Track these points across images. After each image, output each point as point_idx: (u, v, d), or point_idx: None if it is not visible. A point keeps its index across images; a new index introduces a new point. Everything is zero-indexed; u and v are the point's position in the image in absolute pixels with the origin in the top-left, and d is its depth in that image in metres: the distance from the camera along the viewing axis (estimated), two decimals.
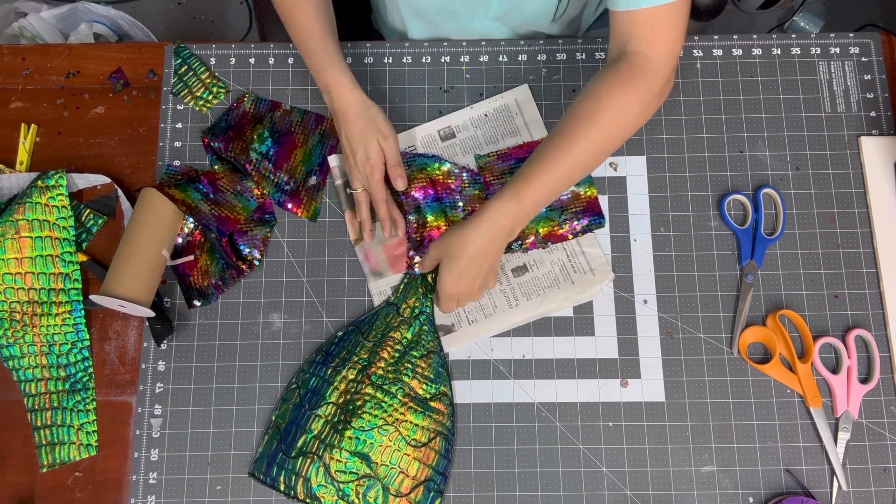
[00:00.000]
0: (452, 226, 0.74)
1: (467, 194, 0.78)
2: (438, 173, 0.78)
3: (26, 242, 0.74)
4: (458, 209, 0.77)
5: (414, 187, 0.78)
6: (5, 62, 0.85)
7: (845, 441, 0.72)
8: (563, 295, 0.76)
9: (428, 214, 0.77)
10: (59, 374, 0.74)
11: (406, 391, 0.72)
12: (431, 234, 0.77)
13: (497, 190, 0.69)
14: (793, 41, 0.84)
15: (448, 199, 0.77)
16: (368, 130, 0.72)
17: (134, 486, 0.72)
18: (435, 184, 0.78)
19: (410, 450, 0.70)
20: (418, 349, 0.73)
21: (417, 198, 0.78)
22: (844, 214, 0.78)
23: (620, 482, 0.72)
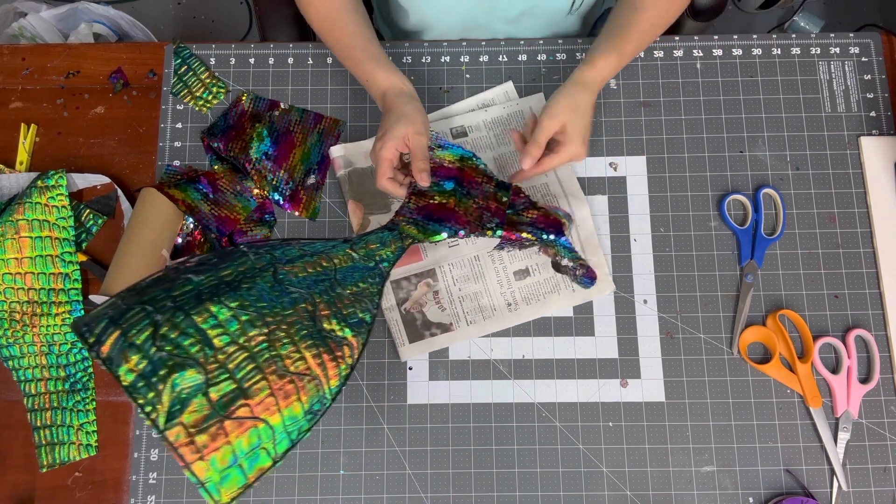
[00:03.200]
0: (558, 92, 0.73)
1: (486, 190, 0.75)
2: (471, 165, 0.76)
3: (26, 242, 0.74)
4: (472, 198, 0.74)
5: (434, 166, 0.74)
6: (5, 62, 0.85)
7: (845, 441, 0.72)
8: (563, 302, 0.76)
9: (439, 188, 0.74)
10: (59, 374, 0.74)
11: (308, 307, 0.59)
12: (430, 205, 0.73)
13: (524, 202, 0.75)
14: (793, 41, 0.84)
15: (467, 189, 0.74)
16: (405, 118, 0.70)
17: (134, 486, 0.72)
18: (462, 171, 0.75)
19: (270, 370, 0.54)
20: (349, 286, 0.63)
21: (441, 177, 0.74)
22: (844, 214, 0.78)
23: (620, 482, 0.72)
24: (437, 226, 0.71)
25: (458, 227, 0.71)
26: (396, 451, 0.73)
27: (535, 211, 0.74)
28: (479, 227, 0.71)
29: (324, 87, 0.83)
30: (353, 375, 0.74)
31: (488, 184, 0.75)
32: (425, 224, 0.71)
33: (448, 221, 0.71)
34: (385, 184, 0.70)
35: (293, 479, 0.72)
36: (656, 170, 0.80)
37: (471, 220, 0.72)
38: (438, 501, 0.72)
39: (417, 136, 0.70)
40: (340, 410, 0.74)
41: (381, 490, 0.72)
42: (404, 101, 0.71)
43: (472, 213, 0.73)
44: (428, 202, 0.73)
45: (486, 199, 0.74)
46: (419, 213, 0.72)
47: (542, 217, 0.73)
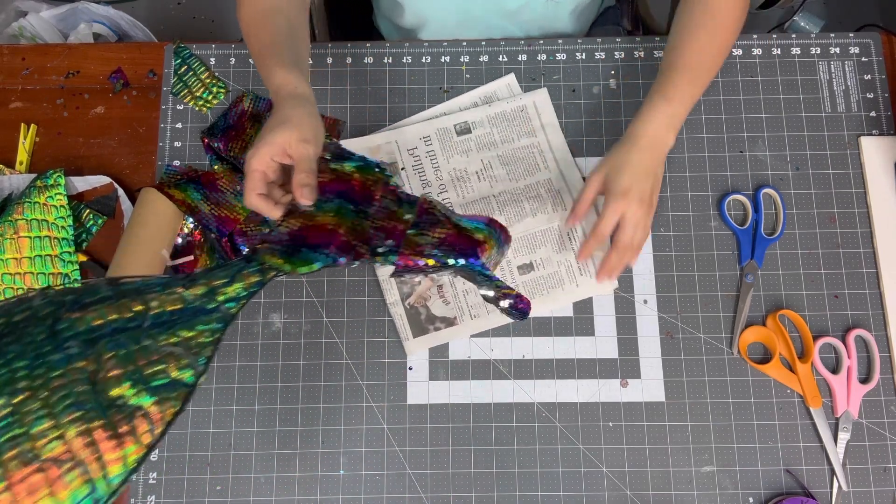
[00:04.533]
0: (610, 150, 0.70)
1: (386, 206, 0.62)
2: (367, 179, 0.63)
3: (25, 242, 0.74)
4: (365, 217, 0.61)
5: (327, 180, 0.62)
6: (5, 62, 0.85)
7: (845, 441, 0.72)
8: (566, 297, 0.76)
9: (332, 209, 0.61)
10: None
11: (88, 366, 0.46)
12: (305, 227, 0.59)
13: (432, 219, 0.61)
14: (793, 41, 0.84)
15: (360, 205, 0.62)
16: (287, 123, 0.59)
17: (134, 486, 0.72)
18: (356, 186, 0.63)
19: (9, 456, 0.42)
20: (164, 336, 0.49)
21: (331, 193, 0.62)
22: (844, 214, 0.78)
23: (620, 482, 0.72)
24: (310, 253, 0.57)
25: (337, 253, 0.58)
26: (396, 451, 0.73)
27: (443, 229, 0.61)
28: (368, 253, 0.59)
29: (324, 87, 0.83)
30: (354, 375, 0.74)
31: (390, 198, 0.63)
32: (294, 251, 0.57)
33: (325, 247, 0.58)
34: (254, 200, 0.58)
35: (293, 479, 0.72)
36: None
37: (356, 243, 0.59)
38: (438, 501, 0.71)
39: (302, 143, 0.58)
40: (340, 410, 0.74)
41: (381, 490, 0.72)
42: (292, 104, 0.61)
43: (359, 234, 0.59)
44: (304, 223, 0.59)
45: (383, 217, 0.61)
46: (291, 237, 0.58)
47: (452, 236, 0.60)
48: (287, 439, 0.73)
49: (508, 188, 0.78)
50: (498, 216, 0.77)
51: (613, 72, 0.83)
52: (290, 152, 0.58)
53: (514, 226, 0.77)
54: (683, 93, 0.70)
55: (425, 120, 0.81)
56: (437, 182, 0.79)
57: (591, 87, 0.83)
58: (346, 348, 0.75)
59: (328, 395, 0.74)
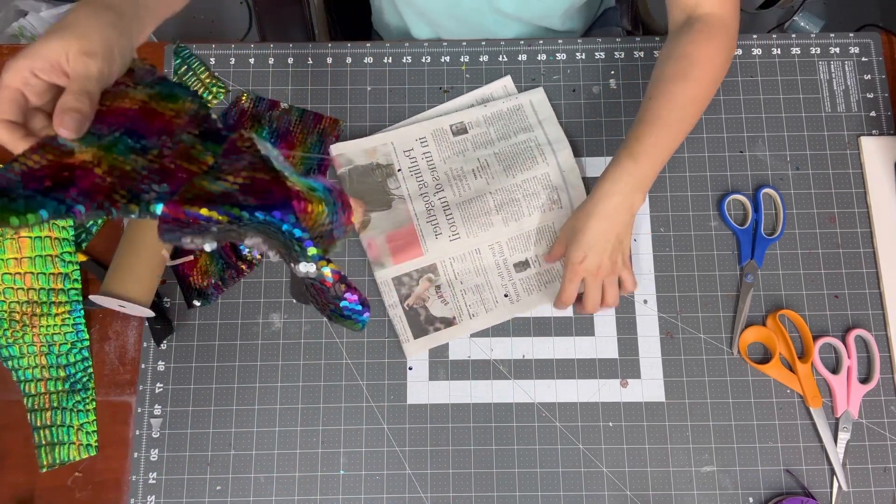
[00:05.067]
0: (580, 205, 0.70)
1: (181, 140, 0.46)
2: (172, 109, 0.47)
3: (25, 242, 0.74)
4: (143, 152, 0.45)
5: (115, 107, 0.46)
6: (5, 62, 0.84)
7: (845, 441, 0.72)
8: None
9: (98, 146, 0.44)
10: (59, 375, 0.74)
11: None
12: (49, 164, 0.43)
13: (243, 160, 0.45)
14: (793, 41, 0.84)
15: (141, 138, 0.45)
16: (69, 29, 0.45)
17: (134, 486, 0.72)
18: (151, 117, 0.46)
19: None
20: None
21: (112, 125, 0.45)
22: (844, 214, 0.78)
23: (620, 482, 0.72)
24: (35, 198, 0.40)
25: (77, 198, 0.41)
26: (396, 451, 0.73)
27: (249, 173, 0.43)
28: (126, 198, 0.42)
29: (324, 87, 0.83)
30: (353, 375, 0.74)
31: (190, 132, 0.46)
32: (17, 196, 0.40)
33: (63, 189, 0.41)
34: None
35: (293, 479, 0.72)
36: None
37: (114, 185, 0.42)
38: (438, 501, 0.72)
39: (83, 57, 0.43)
40: (340, 410, 0.74)
41: (381, 490, 0.72)
42: (83, 9, 0.46)
43: (123, 176, 0.43)
44: (52, 160, 0.43)
45: (170, 154, 0.45)
46: (23, 178, 0.41)
47: (259, 184, 0.43)
48: (287, 439, 0.73)
49: (505, 185, 0.78)
50: (494, 215, 0.77)
51: (613, 72, 0.83)
52: (65, 68, 0.44)
53: (511, 225, 0.77)
54: (653, 151, 0.67)
55: (421, 121, 0.81)
56: (434, 182, 0.79)
57: (590, 87, 0.83)
58: (346, 348, 0.75)
59: (328, 395, 0.74)
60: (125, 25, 0.48)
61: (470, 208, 0.77)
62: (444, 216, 0.77)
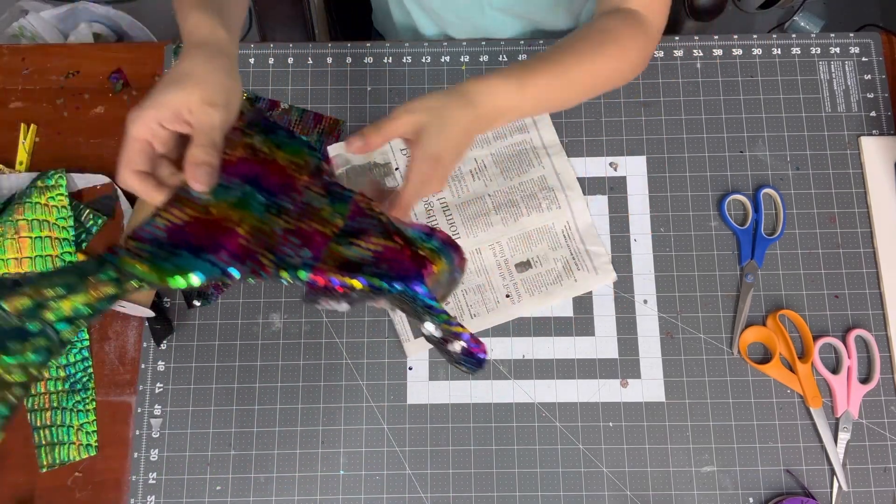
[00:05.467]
0: (434, 93, 0.55)
1: (310, 202, 0.48)
2: (293, 162, 0.49)
3: (26, 243, 0.74)
4: (279, 212, 0.46)
5: (238, 157, 0.47)
6: (5, 62, 0.85)
7: (845, 441, 0.72)
8: (565, 292, 0.76)
9: (234, 199, 0.46)
10: (59, 374, 0.74)
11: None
12: (193, 220, 0.44)
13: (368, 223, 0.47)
14: (793, 41, 0.84)
15: (273, 196, 0.47)
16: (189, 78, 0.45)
17: (134, 486, 0.72)
18: (274, 170, 0.48)
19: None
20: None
21: (238, 177, 0.47)
22: (844, 214, 0.78)
23: (620, 482, 0.72)
24: (191, 259, 0.42)
25: (229, 261, 0.43)
26: (396, 451, 0.73)
27: (380, 239, 0.46)
28: (273, 265, 0.44)
29: (324, 87, 0.83)
30: (354, 375, 0.74)
31: (316, 190, 0.48)
32: (169, 254, 0.42)
33: (212, 251, 0.43)
34: (128, 179, 0.44)
35: (293, 479, 0.72)
36: (656, 170, 0.80)
37: (258, 250, 0.44)
38: (438, 501, 0.72)
39: (206, 107, 0.44)
40: (340, 410, 0.74)
41: (381, 490, 0.72)
42: (201, 55, 0.47)
43: (265, 238, 0.45)
44: (192, 216, 0.44)
45: (302, 216, 0.46)
46: (169, 234, 0.43)
47: (390, 250, 0.45)
48: (287, 439, 0.73)
49: (503, 187, 0.78)
50: (493, 216, 0.77)
51: None
52: (188, 118, 0.44)
53: (510, 225, 0.77)
54: (539, 94, 0.59)
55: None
56: None
57: None
58: (346, 348, 0.75)
59: (328, 395, 0.74)
60: (235, 68, 0.49)
61: (469, 209, 0.77)
62: (443, 217, 0.77)
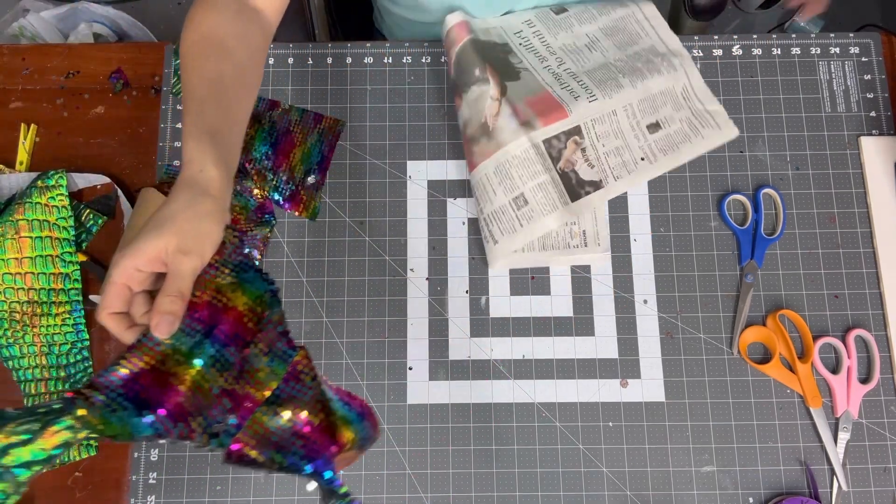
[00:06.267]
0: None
1: (251, 360, 0.48)
2: (251, 309, 0.49)
3: (26, 243, 0.74)
4: (223, 369, 0.47)
5: (203, 301, 0.48)
6: (5, 62, 0.85)
7: (845, 441, 0.72)
8: (695, 149, 0.78)
9: (186, 349, 0.47)
10: (59, 375, 0.74)
11: None
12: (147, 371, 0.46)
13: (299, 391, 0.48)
14: (793, 41, 0.84)
15: (226, 350, 0.48)
16: (166, 225, 0.47)
17: (134, 486, 0.72)
18: (231, 317, 0.49)
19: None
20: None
21: (199, 322, 0.48)
22: (844, 214, 0.78)
23: (620, 482, 0.72)
24: (132, 417, 0.44)
25: (165, 421, 0.45)
26: (396, 451, 0.73)
27: (300, 410, 0.46)
28: (201, 427, 0.46)
29: (324, 87, 0.83)
30: (353, 375, 0.74)
31: (261, 347, 0.48)
32: (118, 408, 0.44)
33: (155, 407, 0.45)
34: (104, 320, 0.47)
35: (293, 479, 0.72)
36: None
37: (192, 409, 0.46)
38: (438, 501, 0.72)
39: (179, 255, 0.46)
40: None
41: (381, 490, 0.72)
42: (184, 196, 0.49)
43: (201, 396, 0.46)
44: (147, 364, 0.46)
45: (241, 376, 0.47)
46: (124, 385, 0.45)
47: (309, 428, 0.46)
48: None
49: (622, 57, 0.81)
50: (622, 78, 0.78)
51: None
52: (165, 259, 0.47)
53: (638, 87, 0.78)
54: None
55: (520, 10, 0.84)
56: (553, 56, 0.81)
57: None
58: (346, 348, 0.75)
59: None
60: (221, 210, 0.50)
61: (597, 74, 0.79)
62: (575, 82, 0.79)
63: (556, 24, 0.83)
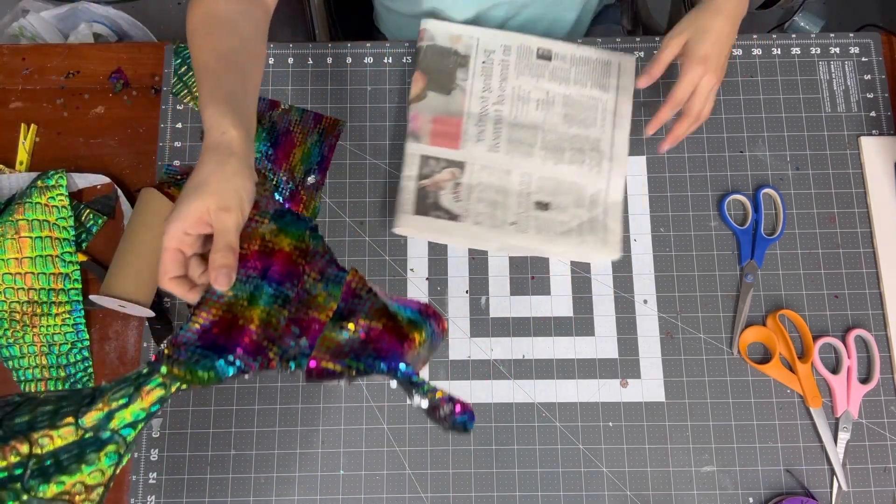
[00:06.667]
0: (688, 13, 0.69)
1: (310, 288, 0.52)
2: (297, 248, 0.53)
3: (26, 242, 0.74)
4: (285, 303, 0.51)
5: (252, 251, 0.53)
6: (5, 62, 0.85)
7: (845, 441, 0.72)
8: (568, 248, 0.76)
9: (247, 294, 0.51)
10: (59, 375, 0.74)
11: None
12: (219, 319, 0.50)
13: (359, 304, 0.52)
14: (793, 41, 0.84)
15: (283, 287, 0.52)
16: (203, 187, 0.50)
17: (134, 486, 0.72)
18: (280, 259, 0.53)
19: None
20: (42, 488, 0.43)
21: (253, 269, 0.52)
22: (844, 214, 0.78)
23: (620, 482, 0.72)
24: (215, 361, 0.48)
25: (245, 358, 0.49)
26: (396, 451, 0.73)
27: (366, 319, 0.50)
28: (278, 356, 0.49)
29: (324, 87, 0.83)
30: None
31: (314, 276, 0.52)
32: (200, 357, 0.48)
33: (232, 348, 0.49)
34: (167, 285, 0.50)
35: (293, 479, 0.72)
36: (656, 170, 0.80)
37: (265, 342, 0.49)
38: (438, 501, 0.72)
39: (221, 213, 0.49)
40: (341, 410, 0.74)
41: (381, 490, 0.72)
42: (214, 160, 0.52)
43: (271, 329, 0.50)
44: (217, 315, 0.50)
45: (303, 304, 0.51)
46: (200, 337, 0.49)
47: (376, 331, 0.50)
48: (287, 439, 0.73)
49: (558, 129, 0.79)
50: (538, 150, 0.77)
51: None
52: (209, 220, 0.50)
53: (548, 166, 0.77)
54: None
55: (513, 31, 0.83)
56: (498, 92, 0.80)
57: None
58: None
59: (328, 395, 0.74)
60: (248, 167, 0.53)
61: (518, 132, 0.78)
62: (492, 126, 0.78)
63: (528, 66, 0.81)
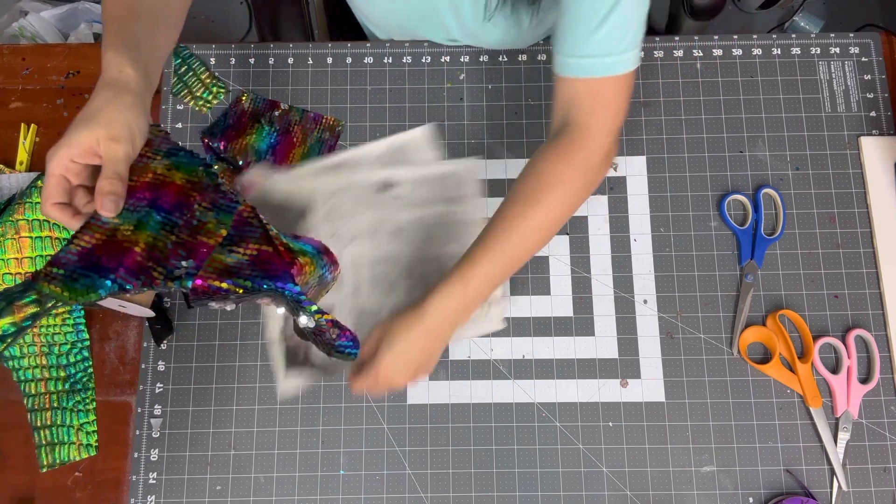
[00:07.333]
0: (402, 309, 0.63)
1: (200, 216, 0.53)
2: (188, 180, 0.54)
3: (26, 242, 0.74)
4: (171, 228, 0.52)
5: (142, 182, 0.53)
6: (5, 62, 0.85)
7: (845, 441, 0.72)
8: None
9: (134, 221, 0.51)
10: (59, 375, 0.74)
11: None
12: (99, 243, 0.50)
13: (249, 231, 0.53)
14: (793, 41, 0.84)
15: (169, 214, 0.52)
16: (94, 118, 0.51)
17: (134, 486, 0.72)
18: (171, 190, 0.53)
19: None
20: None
21: (142, 200, 0.52)
22: (844, 214, 0.78)
23: (620, 482, 0.72)
24: (95, 278, 0.48)
25: (126, 276, 0.49)
26: (396, 451, 0.73)
27: (257, 244, 0.52)
28: (162, 275, 0.50)
29: (324, 87, 0.83)
30: None
31: (205, 205, 0.53)
32: (79, 276, 0.48)
33: (113, 270, 0.49)
34: (49, 210, 0.50)
35: (293, 479, 0.72)
36: (656, 170, 0.80)
37: (150, 265, 0.50)
38: (438, 501, 0.72)
39: (111, 143, 0.50)
40: (340, 410, 0.74)
41: (381, 490, 0.72)
42: (106, 94, 0.52)
43: (157, 253, 0.50)
44: (101, 239, 0.50)
45: (192, 230, 0.52)
46: (80, 257, 0.49)
47: (265, 253, 0.52)
48: (287, 439, 0.73)
49: (420, 254, 0.75)
50: (404, 280, 0.74)
51: None
52: (98, 151, 0.50)
53: (415, 294, 0.71)
54: (485, 277, 0.62)
55: (347, 168, 0.76)
56: (350, 234, 0.75)
57: None
58: None
59: (328, 395, 0.74)
60: (141, 103, 0.53)
61: (377, 268, 0.75)
62: (352, 269, 0.74)
63: (370, 201, 0.75)
